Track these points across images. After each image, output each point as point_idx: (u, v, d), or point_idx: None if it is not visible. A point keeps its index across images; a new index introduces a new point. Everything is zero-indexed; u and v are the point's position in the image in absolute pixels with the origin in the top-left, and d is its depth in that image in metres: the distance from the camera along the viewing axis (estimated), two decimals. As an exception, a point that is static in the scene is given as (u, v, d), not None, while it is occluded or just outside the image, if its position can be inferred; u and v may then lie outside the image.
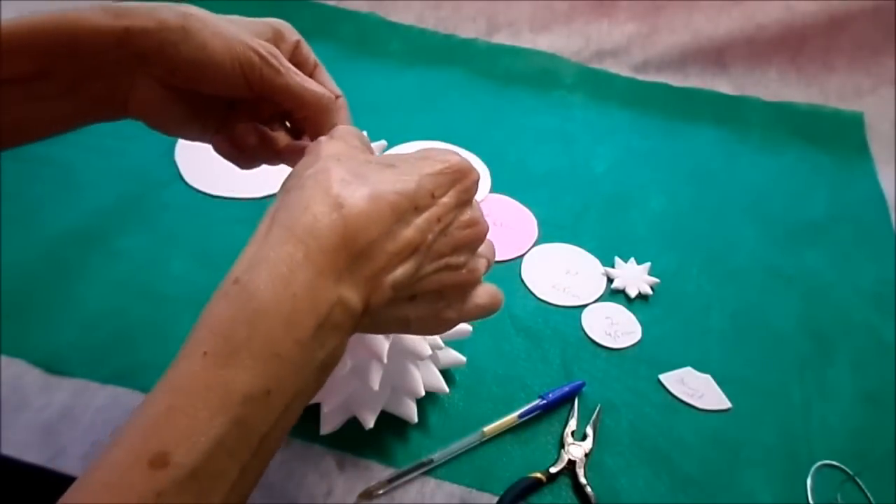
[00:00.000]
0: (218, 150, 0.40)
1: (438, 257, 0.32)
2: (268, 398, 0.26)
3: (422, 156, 0.33)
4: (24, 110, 0.34)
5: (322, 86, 0.38)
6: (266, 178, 0.68)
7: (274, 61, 0.35)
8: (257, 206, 0.66)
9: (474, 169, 0.34)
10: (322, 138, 0.33)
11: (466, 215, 0.33)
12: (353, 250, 0.28)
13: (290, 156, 0.40)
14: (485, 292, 0.36)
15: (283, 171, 0.70)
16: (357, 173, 0.30)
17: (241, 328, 0.26)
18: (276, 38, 0.38)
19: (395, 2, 0.94)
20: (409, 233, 0.30)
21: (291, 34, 0.39)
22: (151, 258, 0.60)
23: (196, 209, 0.65)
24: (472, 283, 0.35)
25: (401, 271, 0.30)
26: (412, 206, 0.30)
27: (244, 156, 0.40)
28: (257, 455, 0.26)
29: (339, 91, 0.40)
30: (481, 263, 0.35)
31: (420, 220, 0.31)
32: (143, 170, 0.68)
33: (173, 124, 0.38)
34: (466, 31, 0.93)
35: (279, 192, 0.31)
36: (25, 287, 0.56)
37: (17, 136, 0.35)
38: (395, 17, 0.93)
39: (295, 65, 0.37)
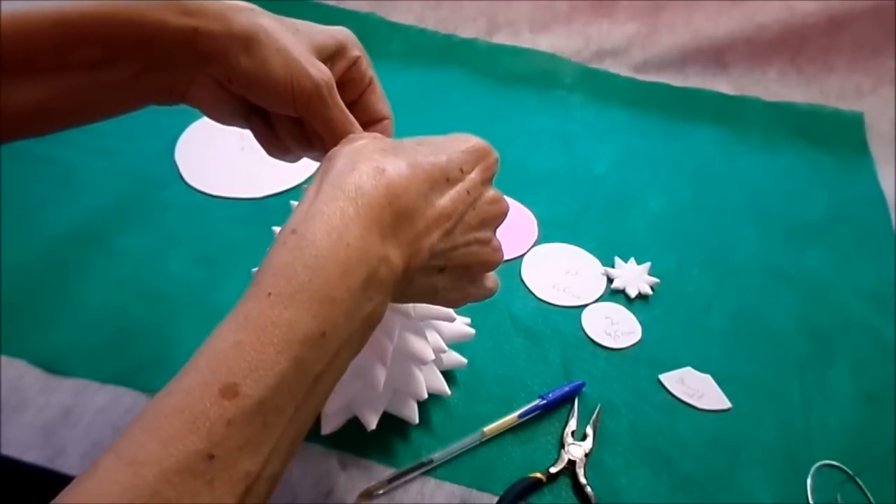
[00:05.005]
0: (259, 138, 0.41)
1: (468, 230, 0.34)
2: (323, 340, 0.28)
3: (446, 137, 0.36)
4: (87, 94, 0.35)
5: (371, 105, 0.40)
6: (266, 179, 0.68)
7: (325, 93, 0.36)
8: (257, 206, 0.66)
9: (494, 149, 0.36)
10: (349, 135, 0.36)
11: (490, 192, 0.36)
12: (397, 210, 0.31)
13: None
14: (491, 277, 0.39)
15: (282, 172, 0.70)
16: (393, 146, 0.33)
17: (301, 271, 0.28)
18: (338, 52, 0.39)
19: (395, 2, 0.94)
20: (443, 201, 0.33)
21: (353, 49, 0.39)
22: (151, 258, 0.60)
23: (196, 209, 0.65)
24: (495, 262, 0.37)
25: (437, 236, 0.32)
26: (444, 177, 0.33)
27: (283, 145, 0.41)
28: (310, 396, 0.28)
29: (388, 112, 0.41)
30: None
31: (452, 192, 0.33)
32: (143, 170, 0.68)
33: (225, 117, 0.39)
34: (466, 31, 0.93)
35: (321, 166, 0.33)
36: (25, 287, 0.56)
37: (79, 118, 0.36)
38: (395, 17, 0.93)
39: (350, 80, 0.39)
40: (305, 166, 0.68)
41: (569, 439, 0.50)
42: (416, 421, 0.48)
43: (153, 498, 0.23)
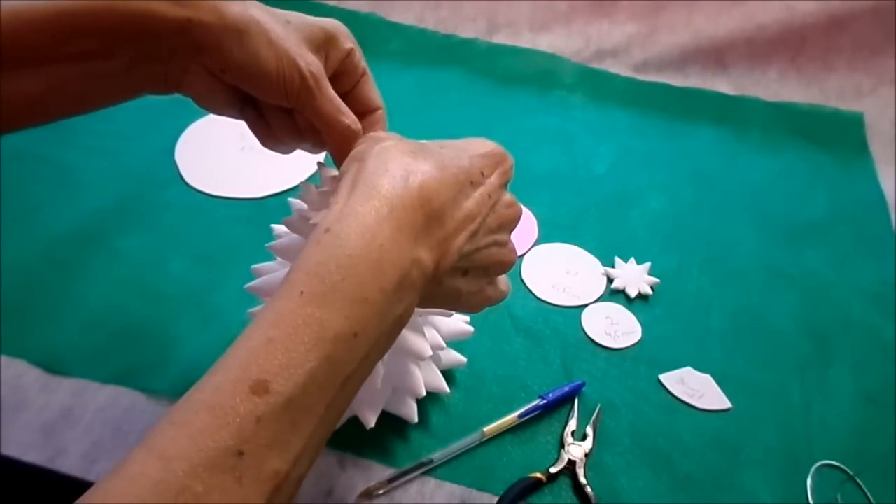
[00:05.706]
0: (253, 129, 0.41)
1: (489, 232, 0.35)
2: (354, 340, 0.28)
3: (464, 141, 0.37)
4: (83, 85, 0.35)
5: (365, 95, 0.41)
6: (266, 179, 0.68)
7: (312, 84, 0.37)
8: (257, 206, 0.66)
9: (510, 154, 0.37)
10: (370, 134, 0.38)
11: (507, 196, 0.37)
12: (429, 212, 0.31)
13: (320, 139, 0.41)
14: (503, 279, 0.40)
15: (282, 172, 0.70)
16: (420, 148, 0.34)
17: (334, 271, 0.28)
18: (329, 44, 0.39)
19: (395, 2, 0.94)
20: (469, 204, 0.34)
21: (345, 41, 0.40)
22: (151, 258, 0.60)
23: (196, 209, 0.65)
24: (511, 262, 0.38)
25: (464, 238, 0.33)
26: (468, 180, 0.34)
27: (276, 136, 0.41)
28: (340, 395, 0.28)
29: (380, 103, 0.42)
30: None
31: (476, 194, 0.34)
32: (143, 170, 0.68)
33: (219, 107, 0.39)
34: (466, 31, 0.93)
35: (348, 165, 0.33)
36: (25, 287, 0.56)
37: (75, 108, 0.37)
38: (395, 17, 0.93)
39: (342, 72, 0.40)
40: (305, 167, 0.68)
41: (569, 439, 0.50)
42: (416, 420, 0.48)
43: (182, 492, 0.23)
